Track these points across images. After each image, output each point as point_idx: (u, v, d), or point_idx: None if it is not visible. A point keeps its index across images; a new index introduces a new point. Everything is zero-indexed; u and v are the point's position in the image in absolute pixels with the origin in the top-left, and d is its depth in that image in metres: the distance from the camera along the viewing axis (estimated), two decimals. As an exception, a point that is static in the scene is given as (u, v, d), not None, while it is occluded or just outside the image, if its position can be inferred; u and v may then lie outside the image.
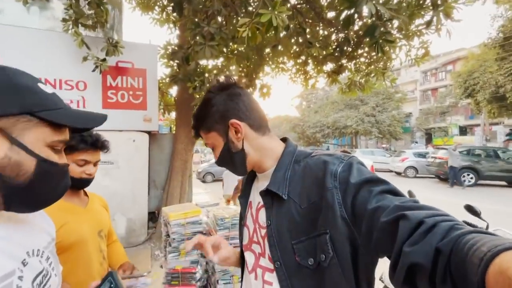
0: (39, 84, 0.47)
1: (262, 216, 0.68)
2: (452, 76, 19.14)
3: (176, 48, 3.31)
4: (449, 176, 9.37)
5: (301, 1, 4.11)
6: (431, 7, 2.74)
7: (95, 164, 1.04)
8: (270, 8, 2.05)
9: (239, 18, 3.32)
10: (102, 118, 0.52)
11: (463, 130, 23.19)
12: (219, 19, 3.11)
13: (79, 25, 2.97)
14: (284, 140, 0.74)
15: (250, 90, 4.04)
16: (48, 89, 0.48)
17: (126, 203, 3.53)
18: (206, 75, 3.20)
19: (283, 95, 52.88)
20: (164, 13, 4.76)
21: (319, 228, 0.57)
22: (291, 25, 3.14)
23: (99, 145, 1.03)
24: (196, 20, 2.91)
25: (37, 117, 0.43)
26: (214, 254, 0.70)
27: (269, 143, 0.70)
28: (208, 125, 0.69)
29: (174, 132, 4.46)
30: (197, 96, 3.99)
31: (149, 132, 3.85)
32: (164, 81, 4.74)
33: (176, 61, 3.36)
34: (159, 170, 4.13)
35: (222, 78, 0.72)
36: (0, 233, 0.45)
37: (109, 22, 3.58)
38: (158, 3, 4.66)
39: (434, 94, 25.93)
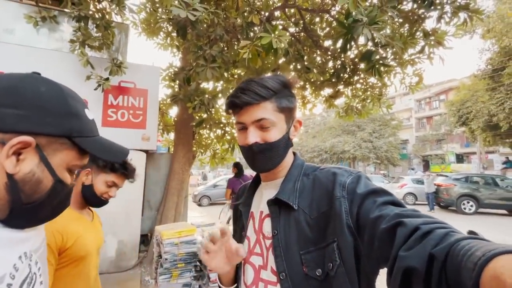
0: (86, 110, 0.50)
1: (267, 226, 0.65)
2: (446, 105, 19.71)
3: (178, 69, 3.41)
4: (427, 201, 10.01)
5: (300, 30, 4.34)
6: (424, 38, 2.90)
7: (117, 189, 1.09)
8: (270, 33, 2.15)
9: (239, 44, 3.49)
10: (125, 153, 0.56)
11: (460, 158, 23.35)
12: (221, 44, 3.25)
13: (86, 46, 3.09)
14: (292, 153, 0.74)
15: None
16: (91, 115, 0.51)
17: (118, 224, 3.40)
18: (206, 96, 3.25)
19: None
20: (168, 38, 5.01)
21: (328, 238, 0.57)
22: (290, 51, 3.28)
23: (130, 174, 1.10)
24: (199, 44, 3.04)
25: (72, 141, 0.46)
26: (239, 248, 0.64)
27: (290, 153, 0.71)
28: (284, 106, 0.63)
29: (172, 152, 4.43)
30: (197, 117, 4.04)
31: (146, 151, 3.83)
32: (164, 102, 4.83)
33: (178, 81, 3.45)
34: (155, 190, 4.04)
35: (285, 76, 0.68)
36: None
37: (114, 44, 3.72)
38: (163, 29, 4.90)
39: (429, 122, 26.49)
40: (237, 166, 4.86)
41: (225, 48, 3.29)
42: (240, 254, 0.63)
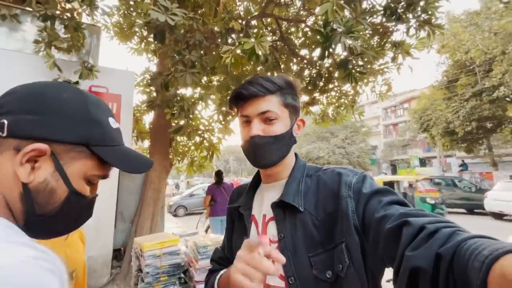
0: (110, 119, 0.47)
1: (272, 229, 0.64)
2: (409, 113, 21.25)
3: (155, 74, 3.31)
4: None
5: (277, 39, 4.45)
6: (392, 49, 3.12)
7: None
8: (252, 38, 2.17)
9: (218, 50, 3.48)
10: (148, 165, 0.52)
11: (423, 162, 25.14)
12: (200, 50, 3.21)
13: (53, 47, 2.88)
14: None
15: (230, 118, 4.07)
16: (115, 124, 0.48)
17: (88, 238, 3.11)
18: (186, 102, 3.18)
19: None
20: (143, 43, 4.85)
21: (336, 240, 0.57)
22: (269, 58, 3.33)
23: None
24: (177, 49, 2.97)
25: (90, 150, 0.44)
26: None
27: (293, 153, 0.70)
28: (289, 102, 0.64)
29: (147, 160, 4.23)
30: (174, 123, 3.92)
31: (120, 160, 3.61)
32: (139, 108, 4.63)
33: (155, 87, 3.33)
34: (129, 201, 3.81)
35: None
36: None
37: (85, 47, 3.52)
38: (137, 34, 4.74)
39: (395, 128, 28.33)
40: (218, 174, 4.80)
41: (204, 54, 3.26)
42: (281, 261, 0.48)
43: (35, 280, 0.30)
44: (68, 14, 3.03)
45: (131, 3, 3.88)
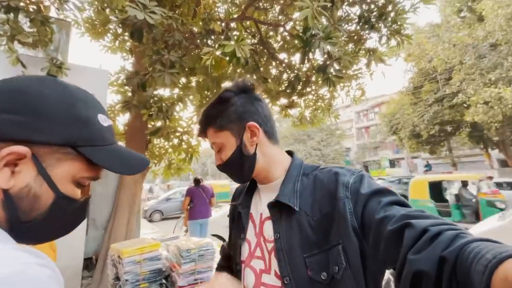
0: (100, 116, 0.43)
1: (268, 229, 0.64)
2: (380, 117, 22.48)
3: (131, 74, 3.18)
4: None
5: (257, 43, 4.49)
6: (366, 55, 3.29)
7: None
8: (232, 41, 2.18)
9: (198, 51, 3.43)
10: (144, 164, 0.49)
11: (392, 163, 26.67)
12: (179, 50, 3.15)
13: (16, 42, 2.66)
14: (289, 153, 0.73)
15: (209, 119, 4.02)
16: (106, 121, 0.45)
17: (57, 248, 2.91)
18: (164, 103, 3.09)
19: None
20: (117, 41, 4.64)
21: (332, 241, 0.56)
22: (250, 61, 3.35)
23: None
24: (155, 48, 2.89)
25: (77, 151, 0.41)
26: None
27: (279, 153, 0.70)
28: (223, 123, 0.65)
29: (122, 163, 4.04)
30: (151, 125, 3.79)
31: (92, 163, 3.42)
32: (112, 108, 4.42)
33: (131, 87, 3.21)
34: (101, 207, 3.61)
35: (240, 81, 0.69)
36: None
37: (53, 43, 3.29)
38: (110, 31, 4.53)
39: (367, 131, 29.78)
40: (195, 180, 4.89)
41: (184, 54, 3.20)
42: None
43: (40, 285, 0.29)
44: (34, 7, 2.82)
45: (105, -1, 3.71)
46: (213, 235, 5.35)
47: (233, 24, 4.36)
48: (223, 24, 3.60)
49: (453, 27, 13.61)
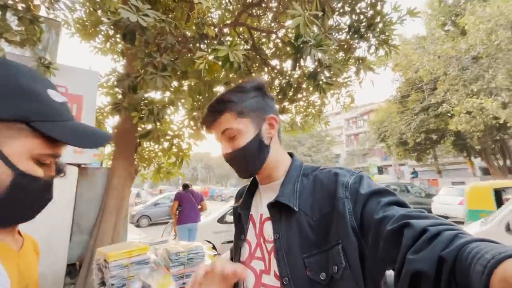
0: (49, 91, 0.42)
1: (268, 229, 0.64)
2: (368, 124, 22.98)
3: (122, 75, 3.15)
4: None
5: (249, 48, 4.55)
6: (355, 64, 3.39)
7: None
8: (226, 46, 2.20)
9: (190, 54, 3.44)
10: (106, 138, 0.47)
11: (380, 170, 27.20)
12: (171, 53, 3.15)
13: (3, 40, 2.60)
14: (290, 155, 0.73)
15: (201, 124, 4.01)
16: (58, 97, 0.43)
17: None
18: (155, 105, 3.07)
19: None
20: (108, 43, 4.59)
21: (331, 241, 0.55)
22: (242, 67, 3.39)
23: (60, 168, 0.85)
24: (147, 51, 2.88)
25: (31, 126, 0.39)
26: None
27: (283, 153, 0.70)
28: (245, 110, 0.64)
29: (110, 166, 3.96)
30: (141, 127, 3.74)
31: (79, 165, 3.34)
32: (101, 110, 4.34)
33: (121, 89, 3.17)
34: (87, 211, 3.50)
35: (255, 79, 0.69)
36: None
37: (42, 42, 3.23)
38: (101, 32, 4.48)
39: (356, 138, 30.33)
40: (184, 186, 4.95)
41: (176, 58, 3.20)
42: (242, 277, 0.55)
43: None
44: (24, 5, 2.77)
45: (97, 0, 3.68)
46: (205, 241, 5.29)
47: (226, 30, 4.41)
48: (216, 29, 3.63)
49: (437, 39, 14.20)
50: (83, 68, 3.71)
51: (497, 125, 12.27)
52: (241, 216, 0.72)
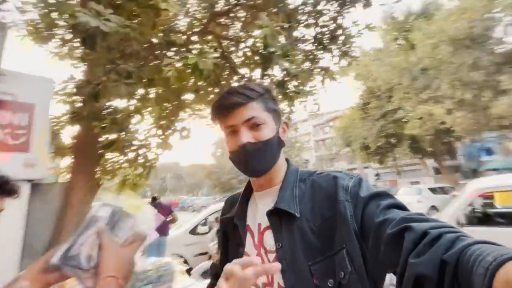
0: None
1: (269, 239, 0.61)
2: (334, 130, 24.17)
3: (82, 83, 2.95)
4: None
5: (218, 57, 4.55)
6: (320, 73, 3.58)
7: None
8: (195, 54, 2.19)
9: (158, 61, 3.34)
10: None
11: (347, 173, 28.67)
12: (137, 60, 3.03)
13: None
14: (285, 160, 0.73)
15: (170, 132, 3.89)
16: None
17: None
18: (119, 115, 2.91)
19: (198, 144, 52.31)
20: (66, 47, 4.28)
21: (336, 246, 0.54)
22: (212, 75, 3.37)
23: (5, 189, 0.78)
24: (110, 57, 2.74)
25: None
26: None
27: (283, 159, 0.70)
28: (271, 106, 0.65)
29: (68, 180, 3.64)
30: (101, 138, 3.51)
31: (31, 181, 3.01)
32: (57, 120, 3.99)
33: (82, 97, 2.96)
34: (40, 232, 3.15)
35: (264, 85, 0.69)
36: None
37: (-15, 45, 2.91)
38: (57, 36, 4.16)
39: (324, 143, 31.68)
40: (152, 198, 4.94)
41: (142, 65, 3.09)
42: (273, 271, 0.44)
43: None
44: (-38, 4, 2.48)
45: (51, 1, 3.42)
46: (175, 256, 5.06)
47: (194, 38, 4.38)
48: (184, 36, 3.58)
49: (392, 52, 15.62)
50: (36, 75, 3.40)
51: (445, 129, 13.73)
52: (237, 227, 0.68)
